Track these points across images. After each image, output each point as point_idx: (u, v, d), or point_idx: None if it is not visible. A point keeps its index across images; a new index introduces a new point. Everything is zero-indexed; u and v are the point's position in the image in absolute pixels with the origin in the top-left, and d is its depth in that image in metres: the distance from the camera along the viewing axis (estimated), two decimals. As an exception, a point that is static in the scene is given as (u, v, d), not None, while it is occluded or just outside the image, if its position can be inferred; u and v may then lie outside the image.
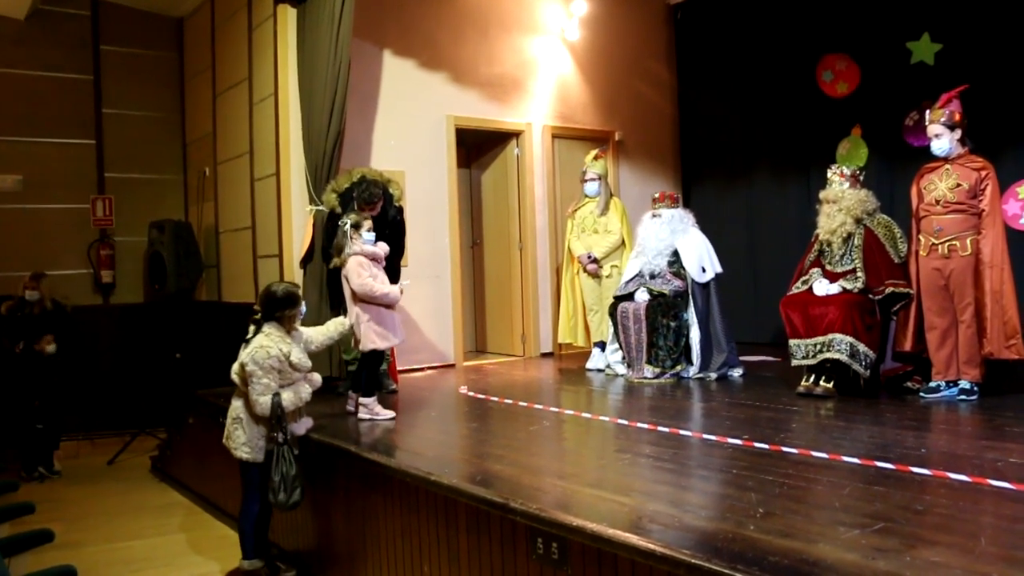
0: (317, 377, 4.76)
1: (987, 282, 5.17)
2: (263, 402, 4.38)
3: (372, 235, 5.37)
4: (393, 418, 5.30)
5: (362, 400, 5.35)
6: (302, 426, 4.70)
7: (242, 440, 4.49)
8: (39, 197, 8.56)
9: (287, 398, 4.45)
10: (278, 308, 4.55)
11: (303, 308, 4.69)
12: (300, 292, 4.71)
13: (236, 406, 4.56)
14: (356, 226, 5.30)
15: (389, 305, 5.30)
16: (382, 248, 5.42)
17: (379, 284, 5.21)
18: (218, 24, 8.34)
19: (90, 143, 8.79)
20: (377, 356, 5.40)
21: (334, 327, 4.98)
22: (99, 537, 5.56)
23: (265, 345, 4.42)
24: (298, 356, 4.53)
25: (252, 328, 4.58)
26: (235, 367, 4.58)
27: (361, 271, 5.17)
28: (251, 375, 4.40)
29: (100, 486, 6.82)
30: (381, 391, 5.88)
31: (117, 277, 8.83)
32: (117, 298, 8.85)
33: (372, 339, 5.21)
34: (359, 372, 5.46)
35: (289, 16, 7.06)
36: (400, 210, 6.53)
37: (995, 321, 5.14)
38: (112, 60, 8.92)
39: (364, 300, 5.19)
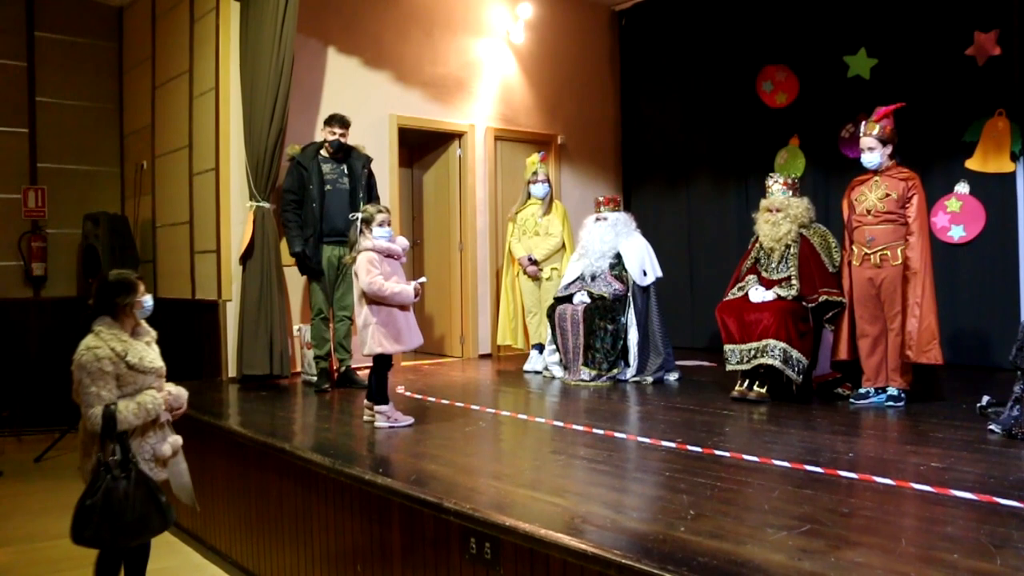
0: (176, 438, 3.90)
1: (911, 289, 5.31)
2: (93, 415, 3.54)
3: (386, 230, 5.00)
4: (412, 424, 5.03)
5: (378, 408, 5.03)
6: (166, 446, 3.82)
7: (89, 467, 3.66)
8: (-33, 186, 8.33)
9: (127, 409, 3.58)
10: (111, 296, 3.71)
11: (147, 301, 3.82)
12: (137, 279, 3.81)
13: (81, 426, 3.73)
14: (367, 220, 4.95)
15: (402, 305, 4.95)
16: (401, 243, 5.05)
17: (390, 283, 4.84)
18: (159, 15, 8.20)
19: (23, 131, 8.55)
20: (385, 360, 5.04)
21: (149, 400, 3.68)
22: (23, 536, 5.42)
23: (93, 346, 3.58)
24: (139, 355, 3.67)
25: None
26: None
27: (371, 268, 4.81)
28: (79, 384, 3.57)
29: (26, 484, 6.65)
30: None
31: (49, 270, 8.60)
32: (49, 291, 8.62)
33: (379, 341, 4.87)
34: (369, 379, 5.10)
35: (232, 9, 6.98)
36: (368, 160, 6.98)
37: (916, 326, 5.28)
38: (47, 47, 8.69)
39: (374, 300, 4.87)
